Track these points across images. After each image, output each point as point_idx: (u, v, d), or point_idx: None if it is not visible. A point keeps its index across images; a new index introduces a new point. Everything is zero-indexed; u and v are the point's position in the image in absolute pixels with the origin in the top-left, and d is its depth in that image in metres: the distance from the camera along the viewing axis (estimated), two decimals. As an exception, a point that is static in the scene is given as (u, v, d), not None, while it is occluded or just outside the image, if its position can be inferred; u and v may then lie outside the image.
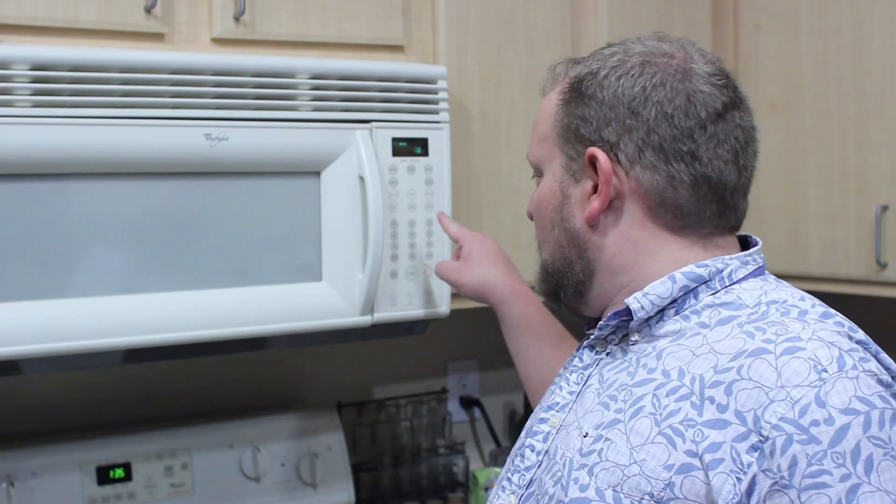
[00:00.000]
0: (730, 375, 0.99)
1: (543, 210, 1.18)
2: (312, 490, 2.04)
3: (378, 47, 1.85)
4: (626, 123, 1.09)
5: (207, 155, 1.61)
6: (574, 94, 1.13)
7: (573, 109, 1.12)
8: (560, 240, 1.16)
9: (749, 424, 0.95)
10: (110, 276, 1.57)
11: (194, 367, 2.06)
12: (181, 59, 1.60)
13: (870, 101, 2.02)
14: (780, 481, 0.93)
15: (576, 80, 1.13)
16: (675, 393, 1.01)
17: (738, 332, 1.03)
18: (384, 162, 1.75)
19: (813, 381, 0.95)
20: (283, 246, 1.70)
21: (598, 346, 1.16)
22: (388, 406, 2.25)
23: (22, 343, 1.50)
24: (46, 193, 1.52)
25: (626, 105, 1.09)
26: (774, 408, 0.95)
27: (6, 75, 1.46)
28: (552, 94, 1.18)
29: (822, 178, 2.11)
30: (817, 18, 2.10)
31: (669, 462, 0.98)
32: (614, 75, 1.10)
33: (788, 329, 1.01)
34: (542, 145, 1.18)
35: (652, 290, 1.09)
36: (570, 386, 1.16)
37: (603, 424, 1.05)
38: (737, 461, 0.95)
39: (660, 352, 1.07)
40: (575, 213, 1.13)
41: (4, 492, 1.76)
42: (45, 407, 1.94)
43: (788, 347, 0.98)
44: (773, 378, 0.96)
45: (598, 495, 1.01)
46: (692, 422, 0.98)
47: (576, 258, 1.14)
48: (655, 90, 1.08)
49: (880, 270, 2.01)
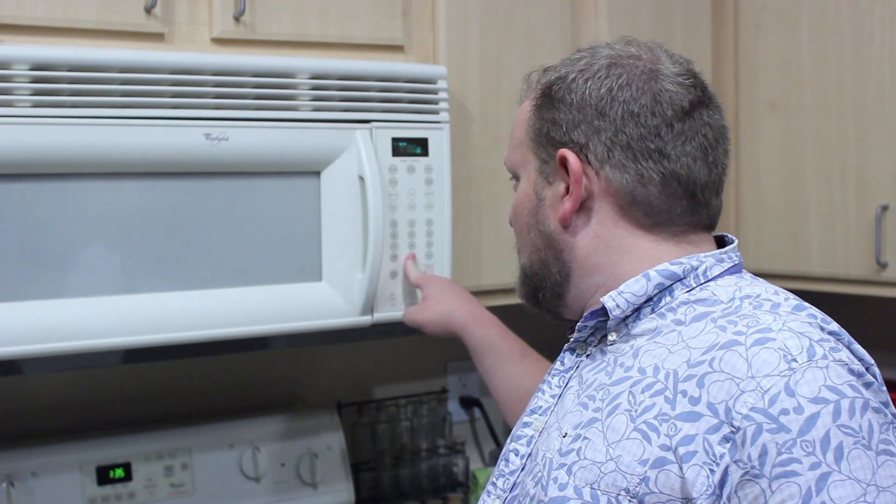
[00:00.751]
0: (702, 368, 1.00)
1: (520, 214, 1.19)
2: (312, 490, 2.04)
3: (378, 47, 1.85)
4: (595, 124, 1.10)
5: (207, 155, 1.61)
6: (545, 99, 1.15)
7: (544, 114, 1.15)
8: (536, 242, 1.17)
9: (721, 416, 0.96)
10: (110, 276, 1.57)
11: (194, 367, 2.06)
12: (181, 59, 1.60)
13: (870, 101, 2.03)
14: (751, 471, 0.93)
15: (546, 85, 1.16)
16: (650, 389, 1.03)
17: (711, 327, 1.04)
18: (384, 162, 1.75)
19: (783, 371, 0.95)
20: (283, 246, 1.70)
21: (577, 348, 1.18)
22: (388, 406, 2.24)
23: (22, 343, 1.50)
24: (46, 193, 1.52)
25: (593, 106, 1.11)
26: (745, 398, 0.95)
27: (6, 75, 1.46)
28: (527, 102, 1.20)
29: (822, 178, 2.11)
30: (817, 18, 2.10)
31: (644, 457, 0.99)
32: (581, 78, 1.12)
33: (760, 321, 1.01)
34: (517, 151, 1.20)
35: (627, 289, 1.10)
36: (551, 389, 1.18)
37: (581, 424, 1.07)
38: (709, 453, 0.96)
39: (636, 350, 1.08)
40: (549, 216, 1.15)
41: (4, 492, 1.76)
42: (45, 407, 1.94)
43: (759, 339, 0.99)
44: (744, 369, 0.97)
45: (576, 493, 1.02)
46: (666, 416, 0.99)
47: (552, 260, 1.16)
48: (621, 90, 1.10)
49: (880, 270, 2.01)
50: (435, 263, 1.82)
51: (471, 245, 1.95)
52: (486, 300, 2.00)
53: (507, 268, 2.00)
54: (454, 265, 1.85)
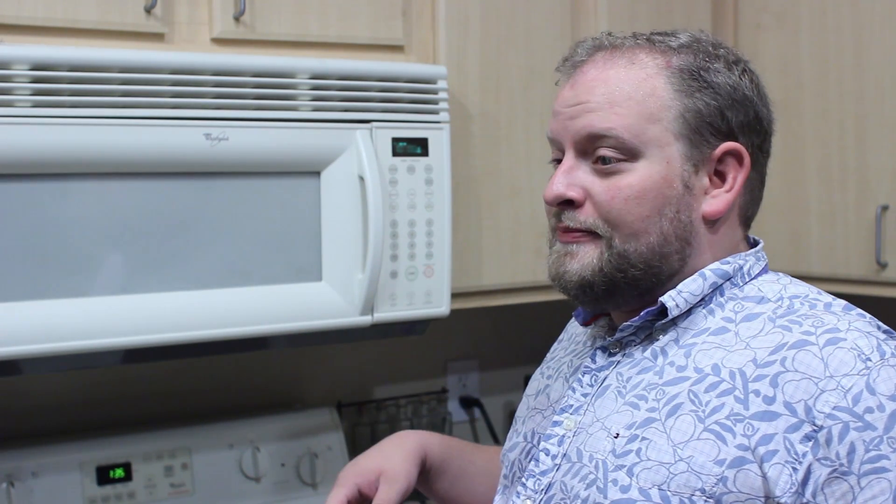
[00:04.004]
0: (774, 368, 1.00)
1: (649, 197, 1.06)
2: (312, 490, 2.04)
3: (378, 47, 1.85)
4: (751, 120, 1.10)
5: (207, 155, 1.61)
6: (694, 81, 1.07)
7: (704, 98, 1.07)
8: (666, 231, 1.07)
9: (801, 415, 0.97)
10: (110, 275, 1.57)
11: (194, 367, 2.06)
12: (181, 59, 1.60)
13: (870, 101, 2.02)
14: (840, 468, 0.95)
15: (695, 66, 1.08)
16: (715, 389, 1.02)
17: (770, 327, 1.04)
18: (384, 162, 1.75)
19: (861, 370, 0.97)
20: (283, 246, 1.70)
21: (611, 347, 1.14)
22: (388, 406, 2.25)
23: (22, 343, 1.50)
24: (46, 193, 1.52)
25: (750, 100, 1.10)
26: (826, 397, 0.97)
27: (6, 75, 1.46)
28: (638, 70, 1.08)
29: (822, 178, 2.11)
30: (817, 18, 2.10)
31: (720, 457, 0.99)
32: (732, 67, 1.10)
33: (824, 321, 1.02)
34: (651, 126, 1.07)
35: (685, 288, 1.09)
36: (583, 388, 1.13)
37: (636, 424, 1.05)
38: (791, 451, 0.96)
39: (688, 350, 1.07)
40: (693, 206, 1.09)
41: (4, 492, 1.76)
42: (45, 407, 1.94)
43: (830, 339, 1.00)
44: (821, 368, 0.98)
45: (642, 495, 1.01)
46: (740, 416, 0.99)
47: (674, 252, 1.08)
48: (760, 86, 1.11)
49: (880, 270, 2.01)
50: (435, 263, 1.82)
51: (471, 245, 1.95)
52: (487, 300, 2.01)
53: (508, 268, 2.02)
54: (454, 265, 1.86)
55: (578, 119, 1.08)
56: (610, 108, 1.07)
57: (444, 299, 1.84)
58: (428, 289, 1.82)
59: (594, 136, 1.07)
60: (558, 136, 1.11)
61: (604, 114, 1.07)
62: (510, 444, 1.23)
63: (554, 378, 1.23)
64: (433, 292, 1.83)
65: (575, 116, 1.09)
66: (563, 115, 1.10)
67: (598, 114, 1.07)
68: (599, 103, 1.07)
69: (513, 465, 1.21)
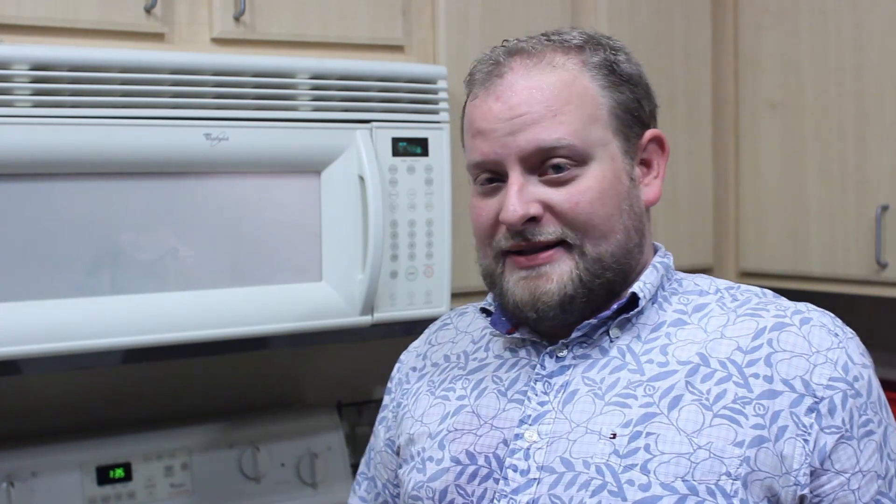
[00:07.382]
0: (763, 350, 1.04)
1: (609, 196, 1.06)
2: (312, 490, 2.04)
3: (378, 47, 1.85)
4: (654, 106, 1.14)
5: (207, 155, 1.61)
6: (613, 76, 1.08)
7: (624, 92, 1.09)
8: (628, 226, 1.08)
9: (800, 389, 1.02)
10: (110, 276, 1.57)
11: (194, 367, 2.06)
12: (181, 59, 1.60)
13: (870, 101, 2.02)
14: (845, 434, 1.01)
15: (608, 62, 1.09)
16: (711, 378, 1.04)
17: (734, 317, 1.08)
18: (384, 162, 1.75)
19: (838, 344, 1.04)
20: (283, 246, 1.70)
21: (557, 351, 1.10)
22: (388, 406, 2.24)
23: (22, 343, 1.50)
24: (47, 193, 1.51)
25: (649, 86, 1.13)
26: (820, 370, 1.02)
27: (6, 75, 1.46)
28: (575, 75, 1.07)
29: (822, 178, 2.11)
30: (817, 18, 2.10)
31: (738, 439, 1.00)
32: (628, 57, 1.12)
33: (784, 305, 1.09)
34: (593, 128, 1.06)
35: (647, 280, 1.11)
36: (538, 396, 1.08)
37: (633, 422, 1.03)
38: (799, 425, 1.01)
39: (663, 347, 1.08)
40: (639, 197, 1.10)
41: (4, 492, 1.76)
42: (45, 407, 1.94)
43: (802, 318, 1.06)
44: (806, 346, 1.04)
45: (665, 489, 0.99)
46: (747, 399, 1.02)
47: (636, 246, 1.10)
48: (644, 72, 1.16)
49: (880, 270, 2.01)
50: (435, 263, 1.82)
51: (471, 245, 1.93)
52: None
53: (507, 268, 2.01)
54: (454, 265, 1.85)
55: (521, 133, 1.04)
56: (553, 116, 1.04)
57: (445, 299, 1.84)
58: (428, 289, 1.82)
59: (543, 150, 1.04)
60: (496, 157, 1.06)
61: (548, 124, 1.04)
62: (429, 475, 1.12)
63: (471, 396, 1.15)
64: (433, 292, 1.83)
65: (516, 131, 1.05)
66: (499, 132, 1.05)
67: (542, 125, 1.04)
68: (540, 113, 1.04)
69: (445, 494, 1.10)
